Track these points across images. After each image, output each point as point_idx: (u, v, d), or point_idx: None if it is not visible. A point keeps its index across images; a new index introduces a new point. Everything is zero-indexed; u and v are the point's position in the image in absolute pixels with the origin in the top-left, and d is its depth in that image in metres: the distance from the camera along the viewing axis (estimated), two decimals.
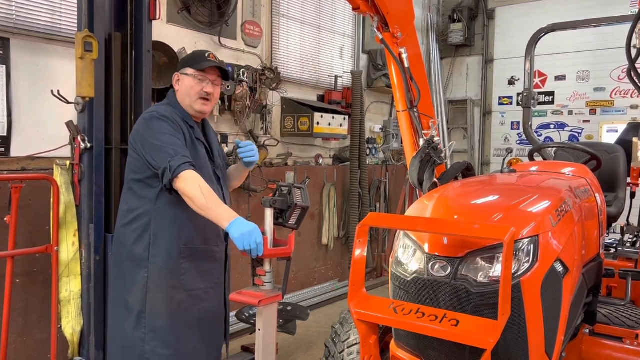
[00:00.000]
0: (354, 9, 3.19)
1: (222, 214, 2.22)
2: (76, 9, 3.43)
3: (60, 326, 3.42)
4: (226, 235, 2.61)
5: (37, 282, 3.59)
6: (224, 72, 2.61)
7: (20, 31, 3.62)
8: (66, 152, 3.59)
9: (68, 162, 3.41)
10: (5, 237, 3.23)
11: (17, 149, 3.64)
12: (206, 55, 2.56)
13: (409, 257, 2.21)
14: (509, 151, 4.52)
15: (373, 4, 3.12)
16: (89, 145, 3.32)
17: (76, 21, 3.44)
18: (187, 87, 2.52)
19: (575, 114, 7.67)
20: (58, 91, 3.35)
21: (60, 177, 3.38)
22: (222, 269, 2.63)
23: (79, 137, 3.30)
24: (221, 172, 2.68)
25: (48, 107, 3.71)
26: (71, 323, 3.43)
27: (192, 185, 2.24)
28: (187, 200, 2.27)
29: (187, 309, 2.46)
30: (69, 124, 3.35)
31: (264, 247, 2.18)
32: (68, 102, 3.35)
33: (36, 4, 3.71)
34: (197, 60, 2.53)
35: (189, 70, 2.52)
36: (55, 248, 3.33)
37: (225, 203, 2.61)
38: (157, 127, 2.38)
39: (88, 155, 3.35)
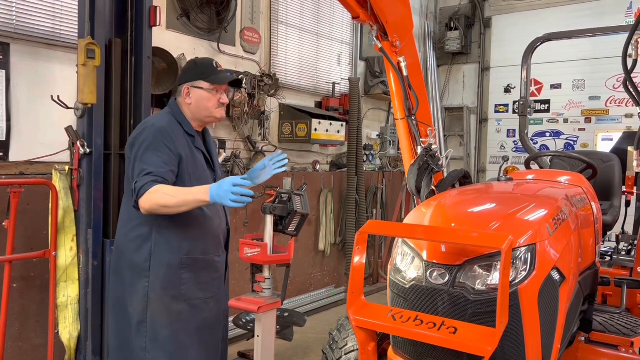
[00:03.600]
0: (353, 18, 3.22)
1: (197, 196, 2.22)
2: (76, 15, 3.44)
3: (57, 331, 3.41)
4: (226, 244, 2.62)
5: (34, 286, 3.58)
6: (235, 81, 2.65)
7: (20, 36, 3.63)
8: (65, 157, 3.60)
9: (67, 167, 3.41)
10: (4, 242, 3.23)
11: (16, 154, 3.64)
12: (214, 65, 2.55)
13: (408, 264, 2.23)
14: (506, 159, 4.55)
15: (373, 13, 3.15)
16: (88, 150, 3.33)
17: (76, 27, 3.46)
18: (203, 100, 2.51)
19: (571, 122, 7.72)
20: (58, 96, 3.36)
21: (59, 182, 3.38)
22: (222, 279, 2.62)
23: (78, 143, 3.31)
24: None
25: (47, 112, 3.71)
26: (68, 328, 3.42)
27: (156, 198, 2.23)
28: (164, 212, 2.26)
29: (187, 319, 2.45)
30: (69, 129, 3.36)
31: (264, 254, 2.19)
32: (68, 108, 3.36)
33: (36, 9, 3.73)
34: (209, 73, 2.52)
35: (204, 84, 2.50)
36: (54, 253, 3.33)
37: (224, 210, 2.63)
38: (142, 142, 2.38)
39: (87, 161, 3.36)
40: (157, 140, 2.37)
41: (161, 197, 2.22)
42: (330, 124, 5.95)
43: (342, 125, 6.15)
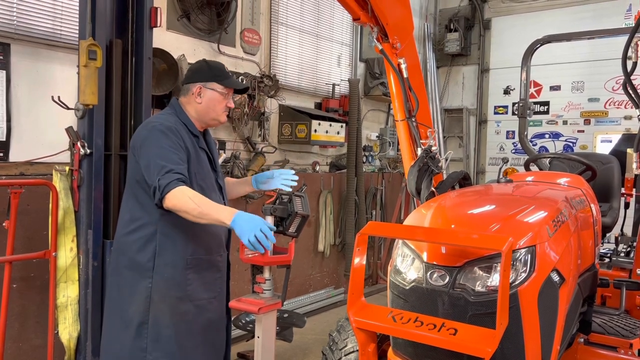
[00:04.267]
0: (354, 20, 3.23)
1: (221, 215, 2.21)
2: (76, 15, 3.44)
3: (57, 332, 3.41)
4: (227, 244, 2.62)
5: (34, 287, 3.59)
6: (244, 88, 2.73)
7: (20, 37, 3.63)
8: (65, 157, 3.60)
9: (67, 168, 3.41)
10: (4, 243, 3.23)
11: (16, 154, 3.65)
12: (226, 69, 2.61)
13: (408, 265, 2.24)
14: (505, 160, 4.56)
15: (373, 15, 3.16)
16: (88, 151, 3.32)
17: (76, 27, 3.46)
18: (214, 101, 2.53)
19: (570, 124, 7.73)
20: (58, 97, 3.36)
21: (59, 182, 3.38)
22: (224, 279, 2.64)
23: (78, 143, 3.31)
24: (222, 181, 2.69)
25: (47, 112, 3.72)
26: (68, 329, 3.42)
27: (181, 200, 2.21)
28: (183, 215, 2.25)
29: (191, 319, 2.45)
30: (69, 130, 3.35)
31: (265, 255, 2.19)
32: (68, 108, 3.36)
33: (37, 9, 3.73)
34: (223, 76, 2.55)
35: (217, 87, 2.53)
36: (54, 254, 3.33)
37: None
38: (156, 140, 2.37)
39: (87, 161, 3.35)
40: (169, 138, 2.37)
41: (186, 201, 2.21)
42: (330, 125, 5.96)
43: (341, 127, 6.16)
